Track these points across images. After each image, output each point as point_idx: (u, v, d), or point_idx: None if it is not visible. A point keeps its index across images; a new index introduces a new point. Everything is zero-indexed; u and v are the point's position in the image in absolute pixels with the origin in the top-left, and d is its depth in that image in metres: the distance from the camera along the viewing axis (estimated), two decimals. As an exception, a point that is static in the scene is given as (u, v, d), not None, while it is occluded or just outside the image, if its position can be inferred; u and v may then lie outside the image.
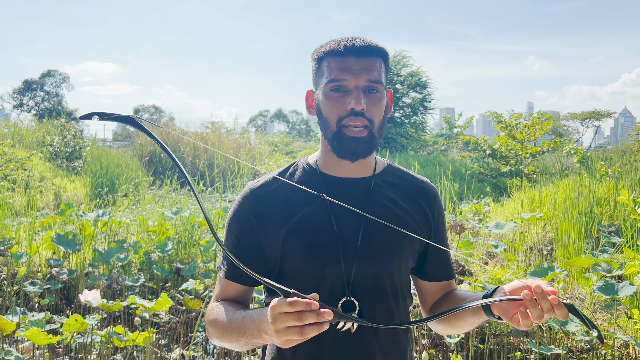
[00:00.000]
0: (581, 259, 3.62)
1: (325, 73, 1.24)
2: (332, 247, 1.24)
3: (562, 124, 31.73)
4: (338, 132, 1.22)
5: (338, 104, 1.22)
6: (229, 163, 14.89)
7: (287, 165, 1.38)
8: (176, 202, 7.56)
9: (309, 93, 1.33)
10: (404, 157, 16.42)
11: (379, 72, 1.23)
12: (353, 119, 1.20)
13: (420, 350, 3.41)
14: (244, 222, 1.30)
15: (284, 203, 1.28)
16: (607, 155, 13.60)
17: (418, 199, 1.35)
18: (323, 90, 1.24)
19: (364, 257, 1.24)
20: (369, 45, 1.23)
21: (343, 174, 1.30)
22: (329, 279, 1.23)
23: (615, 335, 2.96)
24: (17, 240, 4.92)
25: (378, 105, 1.23)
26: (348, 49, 1.21)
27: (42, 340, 2.63)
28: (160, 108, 59.47)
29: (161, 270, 4.56)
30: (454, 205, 8.11)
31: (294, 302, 0.95)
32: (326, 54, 1.25)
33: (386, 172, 1.36)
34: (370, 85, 1.21)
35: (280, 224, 1.26)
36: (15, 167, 10.86)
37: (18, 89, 47.30)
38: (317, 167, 1.33)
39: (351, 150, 1.22)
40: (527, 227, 5.97)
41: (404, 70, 24.25)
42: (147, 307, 2.93)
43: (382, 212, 1.27)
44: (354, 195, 1.29)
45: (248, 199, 1.31)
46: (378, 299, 1.26)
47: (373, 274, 1.25)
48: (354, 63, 1.21)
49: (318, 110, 1.28)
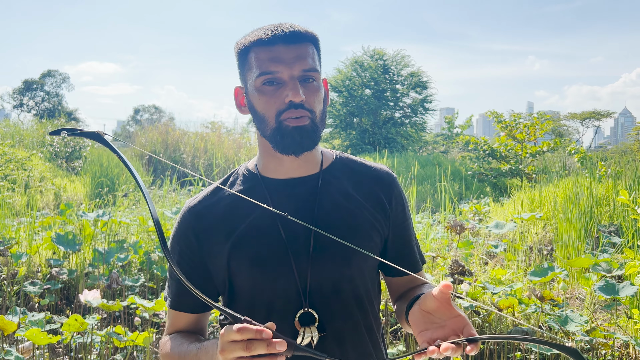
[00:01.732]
0: (581, 259, 3.62)
1: (255, 66, 1.11)
2: (282, 257, 1.13)
3: (562, 124, 31.75)
4: (278, 127, 1.11)
5: (274, 97, 1.10)
6: (228, 163, 14.90)
7: (228, 175, 1.27)
8: (176, 202, 7.56)
9: (237, 90, 1.21)
10: (404, 157, 16.42)
11: (313, 59, 1.13)
12: (292, 111, 1.09)
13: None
14: (184, 244, 1.19)
15: (225, 217, 1.17)
16: (608, 155, 13.60)
17: (373, 188, 1.23)
18: (255, 85, 1.12)
19: (318, 263, 1.13)
20: (297, 31, 1.12)
21: (286, 175, 1.19)
22: (282, 292, 1.13)
23: (615, 335, 2.96)
24: (17, 240, 4.92)
25: (317, 95, 1.13)
26: (276, 37, 1.10)
27: (42, 340, 2.63)
28: (160, 108, 59.39)
29: (161, 270, 4.56)
30: (454, 205, 8.11)
31: (242, 329, 0.86)
32: (252, 44, 1.12)
33: (335, 165, 1.24)
34: (306, 74, 1.11)
35: (223, 240, 1.16)
36: (15, 167, 10.86)
37: (18, 89, 47.25)
38: (257, 171, 1.22)
39: (295, 142, 1.11)
40: (527, 227, 5.97)
41: (404, 70, 24.23)
42: (147, 307, 2.93)
43: (332, 210, 1.17)
44: (300, 196, 1.18)
45: (186, 218, 1.20)
46: (339, 307, 1.15)
47: (330, 281, 1.14)
48: (284, 51, 1.10)
49: (251, 108, 1.16)
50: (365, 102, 23.02)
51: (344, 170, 1.25)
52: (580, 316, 2.94)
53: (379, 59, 24.00)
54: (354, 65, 24.17)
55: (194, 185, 8.42)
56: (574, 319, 2.93)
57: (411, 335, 3.48)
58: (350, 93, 23.34)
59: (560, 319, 2.95)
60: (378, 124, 23.16)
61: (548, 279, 3.35)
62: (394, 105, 23.86)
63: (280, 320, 1.12)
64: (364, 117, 23.21)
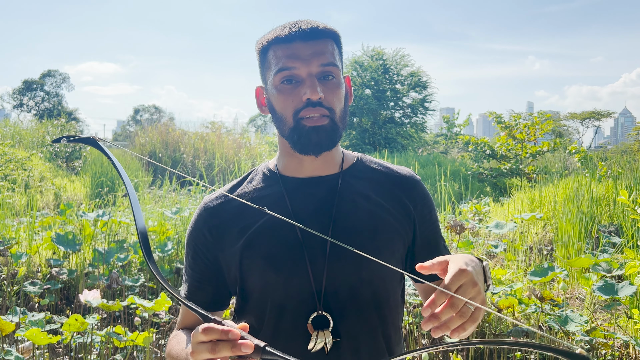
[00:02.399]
0: (581, 259, 3.62)
1: (273, 64, 1.10)
2: (297, 256, 1.10)
3: (562, 124, 31.75)
4: (296, 126, 1.09)
5: (292, 96, 1.08)
6: (228, 163, 14.89)
7: (247, 173, 1.26)
8: (176, 202, 7.56)
9: (258, 90, 1.20)
10: (404, 157, 16.42)
11: (332, 54, 1.10)
12: (310, 109, 1.07)
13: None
14: (199, 240, 1.19)
15: (241, 214, 1.15)
16: (608, 155, 13.60)
17: (395, 191, 1.19)
18: (273, 84, 1.10)
19: (335, 264, 1.09)
20: (316, 27, 1.09)
21: (306, 174, 1.17)
22: (295, 293, 1.09)
23: (615, 335, 2.96)
24: (17, 240, 4.92)
25: (337, 92, 1.10)
26: (294, 34, 1.08)
27: (42, 340, 2.63)
28: (160, 108, 59.42)
29: (161, 270, 4.56)
30: (454, 205, 8.11)
31: (207, 330, 0.83)
32: (270, 42, 1.11)
33: (356, 166, 1.21)
34: (325, 70, 1.08)
35: (236, 237, 1.14)
36: (15, 167, 10.86)
37: (18, 89, 47.24)
38: (277, 170, 1.20)
39: (313, 142, 1.08)
40: (527, 227, 5.97)
41: (404, 70, 24.22)
42: (147, 307, 2.93)
43: (351, 211, 1.14)
44: (318, 195, 1.15)
45: (202, 215, 1.20)
46: (355, 311, 1.10)
47: (347, 283, 1.10)
48: (302, 48, 1.07)
49: (271, 107, 1.14)
50: (365, 102, 23.02)
51: (366, 171, 1.22)
52: (580, 316, 2.94)
53: (378, 59, 24.00)
54: (354, 65, 24.18)
55: (193, 185, 8.42)
56: (574, 319, 2.93)
57: (411, 335, 3.49)
58: (350, 93, 23.31)
59: (560, 319, 2.95)
60: (378, 124, 23.16)
61: (548, 279, 3.35)
62: (394, 105, 23.87)
63: (292, 322, 1.09)
64: (364, 117, 23.20)
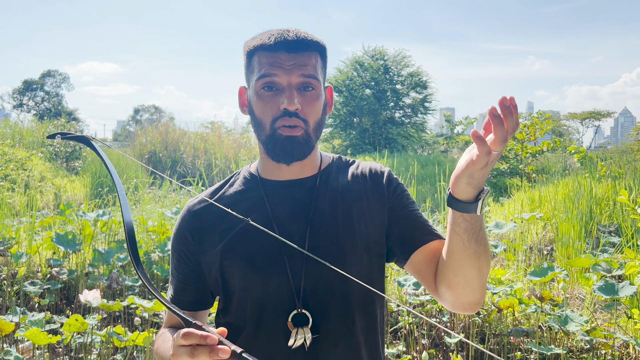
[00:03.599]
0: (581, 259, 3.62)
1: (256, 69, 1.14)
2: (275, 256, 1.14)
3: (562, 124, 31.75)
4: (272, 134, 1.13)
5: (271, 103, 1.12)
6: (228, 163, 14.89)
7: (230, 176, 1.30)
8: (176, 202, 7.56)
9: (241, 90, 1.23)
10: (404, 157, 16.41)
11: (314, 67, 1.13)
12: (287, 119, 1.11)
13: (420, 350, 3.41)
14: (182, 242, 1.22)
15: (222, 217, 1.18)
16: (608, 155, 13.60)
17: (368, 178, 1.24)
18: (254, 89, 1.14)
19: (312, 263, 1.12)
20: (303, 39, 1.12)
21: (285, 177, 1.21)
22: (275, 292, 1.13)
23: (615, 335, 2.96)
24: (17, 240, 4.92)
25: (314, 105, 1.14)
26: (279, 43, 1.11)
27: (42, 340, 2.63)
28: (160, 108, 59.49)
29: (161, 270, 4.56)
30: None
31: (187, 334, 0.88)
32: (256, 48, 1.14)
33: (332, 165, 1.26)
34: (305, 81, 1.12)
35: (217, 239, 1.18)
36: (15, 167, 10.86)
37: (18, 89, 47.26)
38: (257, 173, 1.24)
39: (286, 152, 1.13)
40: (527, 227, 5.97)
41: (404, 70, 24.22)
42: (146, 307, 2.93)
43: (328, 210, 1.18)
44: (297, 197, 1.19)
45: (184, 218, 1.24)
46: (333, 308, 1.13)
47: (324, 281, 1.13)
48: (285, 58, 1.11)
49: (250, 110, 1.18)
50: (366, 102, 23.03)
51: (340, 166, 1.27)
52: (580, 316, 2.94)
53: (379, 59, 24.00)
54: (354, 65, 24.18)
55: (192, 185, 8.42)
56: (574, 319, 2.93)
57: (411, 335, 3.49)
58: (351, 93, 23.35)
59: (560, 319, 2.95)
60: (378, 124, 23.16)
61: (548, 279, 3.35)
62: (394, 105, 23.87)
63: (272, 320, 1.13)
64: (364, 117, 23.21)
